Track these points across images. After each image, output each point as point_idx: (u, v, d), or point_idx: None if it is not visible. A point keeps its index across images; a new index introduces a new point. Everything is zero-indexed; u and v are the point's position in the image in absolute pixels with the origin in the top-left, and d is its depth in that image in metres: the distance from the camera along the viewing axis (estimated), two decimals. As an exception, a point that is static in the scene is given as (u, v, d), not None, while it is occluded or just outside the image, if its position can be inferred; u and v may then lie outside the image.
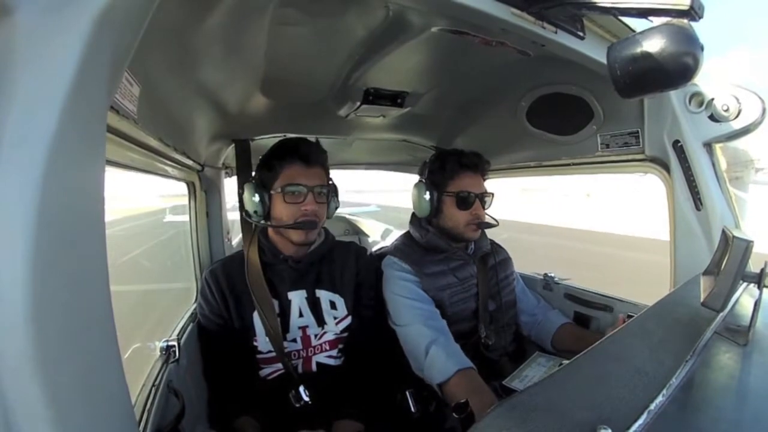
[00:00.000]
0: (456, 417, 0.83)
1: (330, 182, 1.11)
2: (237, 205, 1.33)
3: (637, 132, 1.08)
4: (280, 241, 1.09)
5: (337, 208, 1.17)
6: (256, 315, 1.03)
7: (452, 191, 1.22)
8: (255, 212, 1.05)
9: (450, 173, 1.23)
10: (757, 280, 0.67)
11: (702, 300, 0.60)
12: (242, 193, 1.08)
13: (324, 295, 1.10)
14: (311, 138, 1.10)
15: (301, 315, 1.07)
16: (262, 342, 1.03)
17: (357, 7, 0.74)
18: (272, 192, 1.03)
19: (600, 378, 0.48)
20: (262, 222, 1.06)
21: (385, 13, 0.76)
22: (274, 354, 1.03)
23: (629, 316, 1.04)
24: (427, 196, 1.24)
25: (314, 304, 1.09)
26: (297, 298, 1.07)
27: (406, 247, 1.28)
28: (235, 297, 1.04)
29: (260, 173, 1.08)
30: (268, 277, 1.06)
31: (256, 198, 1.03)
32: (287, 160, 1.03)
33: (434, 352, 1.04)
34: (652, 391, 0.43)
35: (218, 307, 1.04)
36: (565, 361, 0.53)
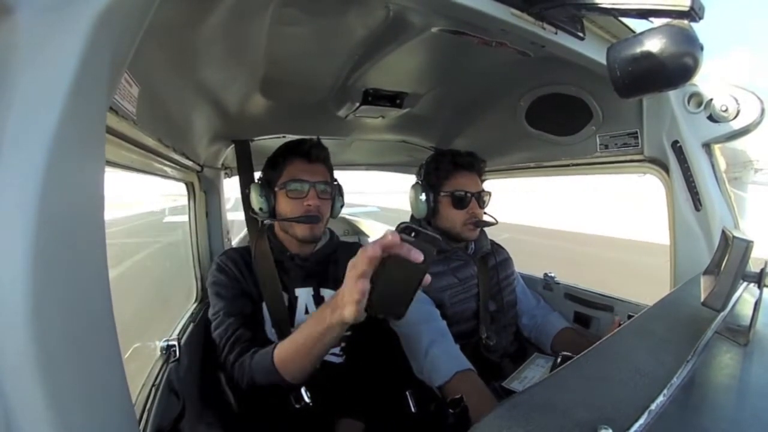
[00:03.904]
0: (451, 412, 0.82)
1: (335, 182, 1.13)
2: (236, 204, 1.33)
3: (636, 132, 1.08)
4: (286, 238, 1.11)
5: (342, 207, 1.18)
6: (264, 306, 1.03)
7: (448, 191, 1.23)
8: (261, 209, 1.08)
9: (445, 173, 1.24)
10: (758, 279, 0.67)
11: (702, 300, 0.60)
12: (248, 192, 1.11)
13: (328, 294, 1.11)
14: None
15: (307, 311, 1.08)
16: (269, 333, 1.03)
17: (357, 7, 0.74)
18: (276, 189, 1.06)
19: (600, 378, 0.47)
20: (268, 219, 1.09)
21: (385, 13, 0.76)
22: None
23: (629, 317, 1.04)
24: (424, 197, 1.24)
25: (319, 303, 1.09)
26: (304, 295, 1.08)
27: None
28: (251, 280, 1.05)
29: (265, 172, 1.12)
30: (277, 271, 1.07)
31: (262, 195, 1.07)
32: (289, 157, 1.06)
33: (433, 353, 1.04)
34: (653, 391, 0.43)
35: (240, 280, 1.03)
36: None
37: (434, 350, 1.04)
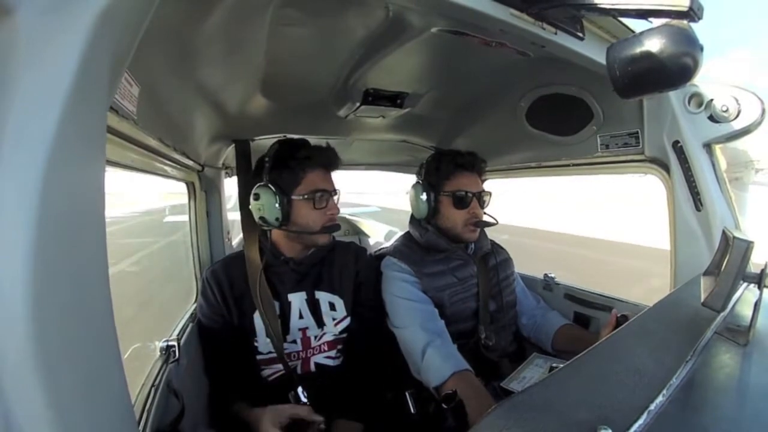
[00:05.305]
0: (445, 407, 0.82)
1: None
2: (237, 204, 1.33)
3: (637, 132, 1.08)
4: (284, 243, 1.08)
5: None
6: (256, 315, 1.03)
7: (449, 191, 1.23)
8: (276, 219, 1.00)
9: (446, 173, 1.24)
10: (758, 280, 0.67)
11: (702, 300, 0.60)
12: (258, 196, 1.01)
13: (323, 297, 1.10)
14: (309, 138, 1.10)
15: (301, 317, 1.07)
16: (262, 343, 1.03)
17: (357, 7, 0.74)
18: (294, 198, 1.00)
19: (600, 378, 0.48)
20: (283, 228, 1.02)
21: (385, 13, 0.76)
22: (274, 355, 1.03)
23: (622, 315, 1.04)
24: (424, 197, 1.24)
25: (314, 306, 1.09)
26: (297, 300, 1.07)
27: (405, 247, 1.28)
28: (235, 297, 1.04)
29: (275, 176, 1.01)
30: (269, 278, 1.06)
31: (277, 204, 0.98)
32: (310, 165, 1.02)
33: (430, 354, 1.04)
34: (653, 391, 0.43)
35: (219, 307, 1.03)
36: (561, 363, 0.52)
37: (431, 351, 1.04)
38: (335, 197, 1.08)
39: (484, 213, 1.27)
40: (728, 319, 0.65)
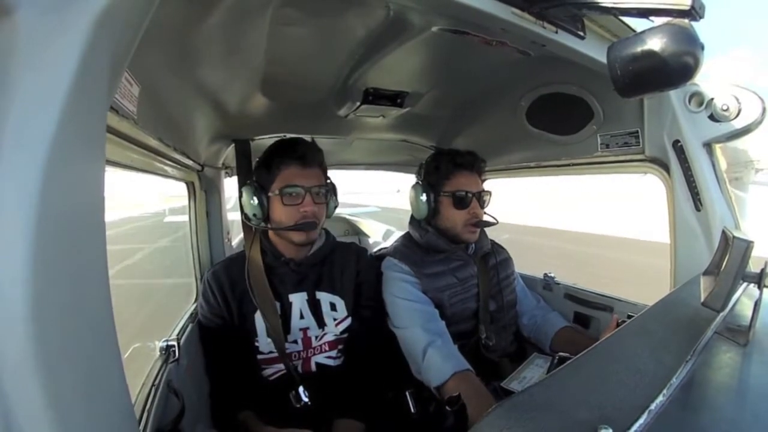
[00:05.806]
0: (449, 410, 0.82)
1: (328, 181, 1.11)
2: (236, 204, 1.33)
3: (637, 132, 1.08)
4: (280, 243, 1.08)
5: (336, 207, 1.16)
6: (257, 316, 1.03)
7: (448, 191, 1.22)
8: (254, 215, 1.04)
9: (445, 173, 1.23)
10: (757, 280, 0.67)
11: (702, 300, 0.60)
12: (241, 194, 1.06)
13: (324, 297, 1.10)
14: (309, 138, 1.10)
15: (302, 317, 1.07)
16: (263, 343, 1.03)
17: (357, 7, 0.74)
18: (270, 194, 1.03)
19: (600, 378, 0.48)
20: (262, 225, 1.06)
21: (385, 12, 0.75)
22: (275, 354, 1.03)
23: (623, 321, 1.04)
24: (424, 197, 1.23)
25: (315, 306, 1.09)
26: (298, 301, 1.08)
27: (405, 248, 1.28)
28: (237, 298, 1.04)
29: (258, 175, 1.07)
30: (270, 279, 1.06)
31: (255, 201, 1.03)
32: (284, 161, 1.02)
33: (431, 354, 1.04)
34: (653, 390, 0.43)
35: (219, 309, 1.04)
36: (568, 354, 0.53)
37: (432, 351, 1.04)
38: (328, 193, 1.08)
39: (484, 213, 1.26)
40: (728, 319, 0.65)
